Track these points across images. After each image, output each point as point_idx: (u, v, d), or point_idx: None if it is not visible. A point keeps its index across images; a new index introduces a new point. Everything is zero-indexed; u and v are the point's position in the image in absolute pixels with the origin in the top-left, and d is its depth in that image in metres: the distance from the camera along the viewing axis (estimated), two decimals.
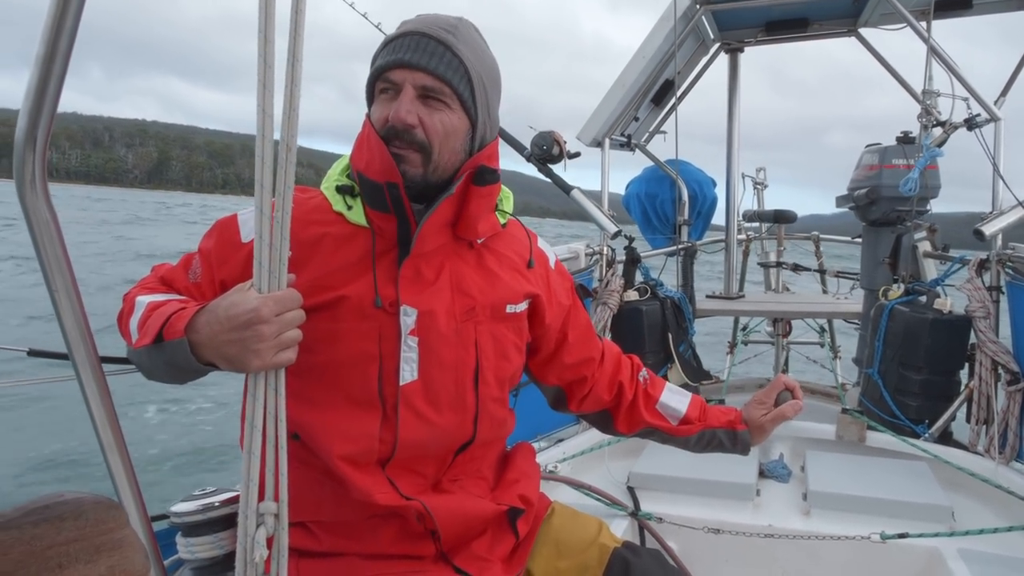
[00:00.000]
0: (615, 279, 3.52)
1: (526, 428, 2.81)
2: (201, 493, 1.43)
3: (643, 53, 4.00)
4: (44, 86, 1.00)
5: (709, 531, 2.23)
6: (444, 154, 1.30)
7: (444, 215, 1.32)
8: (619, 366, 1.70)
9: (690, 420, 1.67)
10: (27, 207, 1.06)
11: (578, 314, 1.63)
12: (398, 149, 1.27)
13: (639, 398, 1.68)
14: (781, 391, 1.65)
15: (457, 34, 1.30)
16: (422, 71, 1.26)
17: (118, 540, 0.69)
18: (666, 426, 1.68)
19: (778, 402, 1.65)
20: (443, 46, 1.28)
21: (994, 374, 2.83)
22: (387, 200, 1.28)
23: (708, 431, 1.67)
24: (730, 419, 1.67)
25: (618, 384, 1.68)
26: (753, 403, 1.67)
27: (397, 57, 1.27)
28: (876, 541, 2.11)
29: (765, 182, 6.17)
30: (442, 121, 1.28)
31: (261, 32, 0.92)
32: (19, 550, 0.64)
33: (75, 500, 0.69)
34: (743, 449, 1.67)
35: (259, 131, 0.96)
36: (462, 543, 1.39)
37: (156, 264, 1.45)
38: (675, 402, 1.69)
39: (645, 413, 1.67)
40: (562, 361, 1.61)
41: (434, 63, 1.27)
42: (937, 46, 3.46)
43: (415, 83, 1.26)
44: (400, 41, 1.29)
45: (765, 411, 1.64)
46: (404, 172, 1.27)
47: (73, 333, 1.14)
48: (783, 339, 5.22)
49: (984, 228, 3.00)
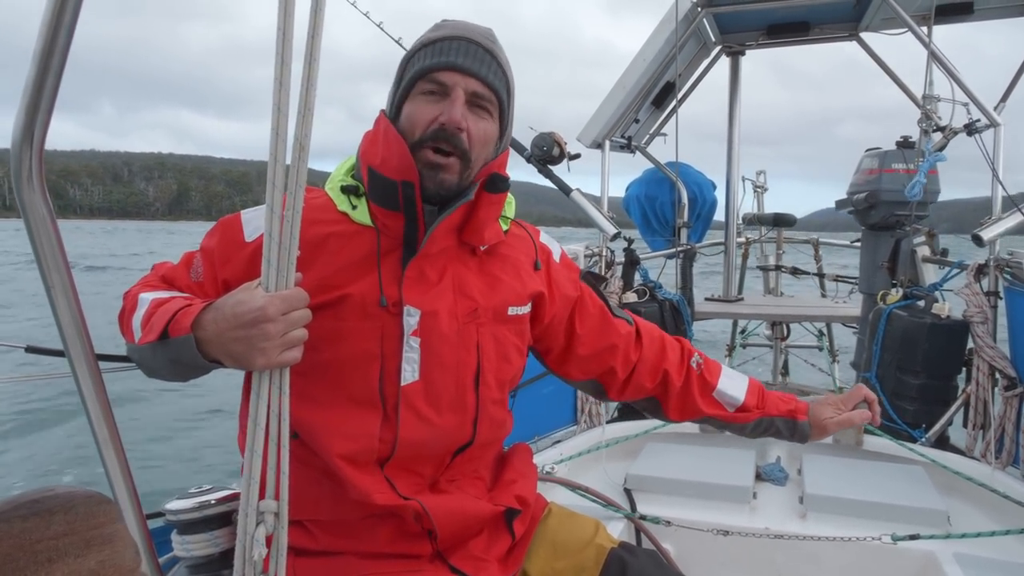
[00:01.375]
0: (614, 281, 3.53)
1: (524, 429, 2.81)
2: (197, 491, 1.43)
3: (644, 55, 4.01)
4: (41, 83, 1.00)
5: (706, 533, 2.23)
6: (478, 161, 1.31)
7: (455, 219, 1.33)
8: (663, 351, 1.66)
9: (748, 408, 1.65)
10: (24, 204, 1.07)
11: (587, 305, 1.60)
12: (440, 157, 1.27)
13: (693, 385, 1.65)
14: (860, 401, 1.65)
15: (496, 44, 1.32)
16: (474, 77, 1.27)
17: (108, 535, 0.69)
18: (722, 414, 1.66)
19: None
20: (490, 55, 1.29)
21: (991, 379, 2.83)
22: (399, 198, 1.28)
23: (766, 419, 1.66)
24: (791, 408, 1.65)
25: (663, 371, 1.64)
26: (825, 403, 1.66)
27: (449, 60, 1.27)
28: (872, 545, 2.11)
29: (765, 185, 6.18)
30: (484, 130, 1.30)
31: (280, 30, 0.92)
32: (7, 544, 0.64)
33: (65, 494, 0.69)
34: (800, 439, 1.66)
35: (272, 128, 0.96)
36: (459, 543, 1.39)
37: (157, 263, 1.45)
38: (733, 389, 1.66)
39: (701, 402, 1.65)
40: (577, 354, 1.59)
41: (484, 70, 1.28)
42: (938, 51, 3.46)
43: (467, 88, 1.27)
44: (447, 44, 1.29)
45: (835, 413, 1.64)
46: (442, 180, 1.28)
47: (69, 329, 1.14)
48: (781, 342, 5.23)
49: (983, 233, 3.00)
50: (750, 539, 2.19)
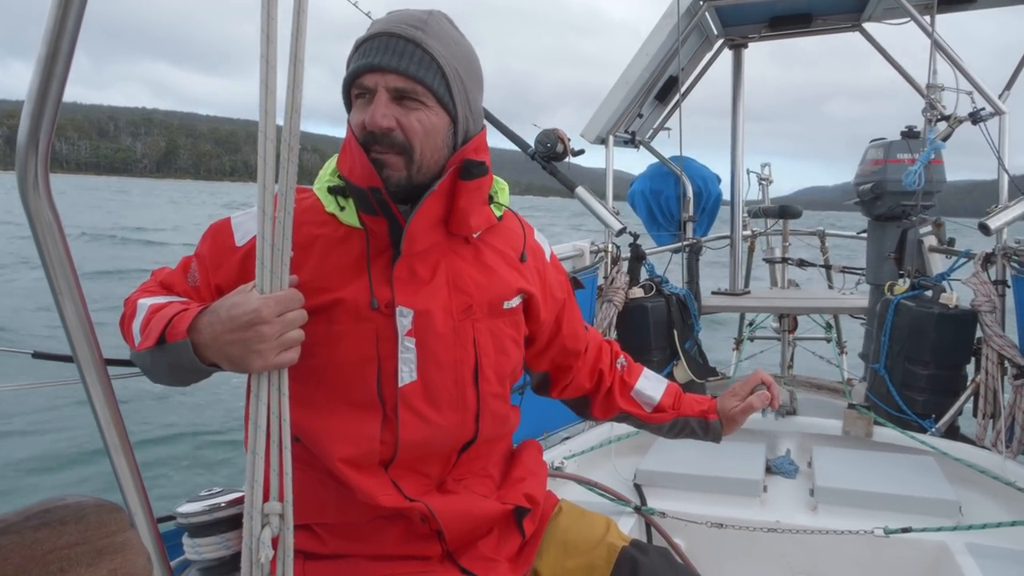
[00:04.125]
0: (620, 276, 3.52)
1: (533, 426, 2.81)
2: (207, 494, 1.43)
3: (646, 50, 3.99)
4: (46, 88, 1.00)
5: (716, 527, 2.23)
6: (426, 153, 1.29)
7: (432, 213, 1.31)
8: (600, 353, 1.72)
9: (663, 408, 1.70)
10: (30, 209, 1.06)
11: (572, 308, 1.65)
12: (379, 154, 1.27)
13: (615, 385, 1.71)
14: (757, 384, 1.67)
15: (427, 29, 1.28)
16: (392, 72, 1.25)
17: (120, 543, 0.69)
18: (640, 413, 1.71)
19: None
20: (412, 44, 1.26)
21: (1000, 368, 2.82)
22: (373, 204, 1.29)
23: (681, 419, 1.70)
24: (703, 409, 1.70)
25: (599, 372, 1.71)
26: (728, 394, 1.69)
27: (367, 61, 1.26)
28: (883, 536, 2.11)
29: (770, 178, 6.16)
30: (420, 120, 1.27)
31: (263, 32, 0.92)
32: (20, 555, 0.64)
33: (76, 503, 0.69)
34: (715, 438, 1.70)
35: (261, 131, 0.96)
36: (468, 543, 1.39)
37: (156, 269, 1.45)
38: (650, 389, 1.72)
39: (620, 400, 1.71)
40: (553, 352, 1.63)
41: (404, 63, 1.25)
42: (941, 40, 3.44)
43: (387, 85, 1.25)
44: (369, 44, 1.27)
45: (738, 403, 1.66)
46: (387, 177, 1.27)
47: (77, 335, 1.14)
48: (789, 335, 5.21)
49: (989, 222, 2.99)
50: (761, 533, 2.19)
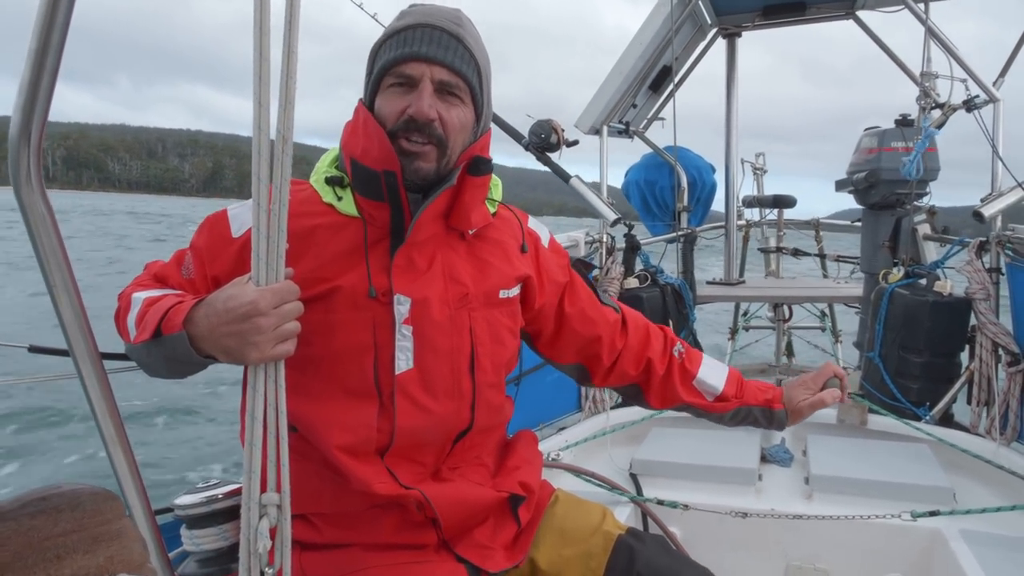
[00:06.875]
0: (615, 266, 3.52)
1: (528, 416, 2.82)
2: (204, 485, 1.43)
3: (640, 39, 3.98)
4: (37, 82, 1.00)
5: (712, 516, 2.24)
6: (456, 148, 1.31)
7: (440, 205, 1.33)
8: (647, 339, 1.68)
9: (726, 397, 1.67)
10: (24, 204, 1.06)
11: (577, 290, 1.62)
12: (415, 146, 1.27)
13: (674, 373, 1.67)
14: (829, 378, 1.65)
15: (464, 27, 1.30)
16: (439, 64, 1.26)
17: (116, 531, 0.70)
18: (702, 403, 1.68)
19: (824, 389, 1.65)
20: (455, 39, 1.28)
21: (994, 356, 2.83)
22: (383, 188, 1.28)
23: (744, 408, 1.67)
24: (768, 398, 1.67)
25: (646, 359, 1.66)
26: (798, 385, 1.68)
27: (412, 50, 1.26)
28: (878, 523, 2.12)
29: (765, 167, 6.16)
30: (458, 116, 1.29)
31: (256, 26, 0.92)
32: (16, 542, 0.64)
33: (72, 491, 0.70)
34: (778, 427, 1.68)
35: (255, 123, 0.96)
36: (463, 531, 1.40)
37: (149, 262, 1.45)
38: (712, 378, 1.68)
39: (681, 390, 1.67)
40: (566, 339, 1.61)
41: (450, 57, 1.26)
42: (935, 28, 3.44)
43: (434, 77, 1.26)
44: (410, 33, 1.27)
45: (808, 395, 1.65)
46: (418, 168, 1.28)
47: (72, 328, 1.14)
48: (784, 324, 5.22)
49: (983, 210, 2.99)
50: (757, 521, 2.20)
